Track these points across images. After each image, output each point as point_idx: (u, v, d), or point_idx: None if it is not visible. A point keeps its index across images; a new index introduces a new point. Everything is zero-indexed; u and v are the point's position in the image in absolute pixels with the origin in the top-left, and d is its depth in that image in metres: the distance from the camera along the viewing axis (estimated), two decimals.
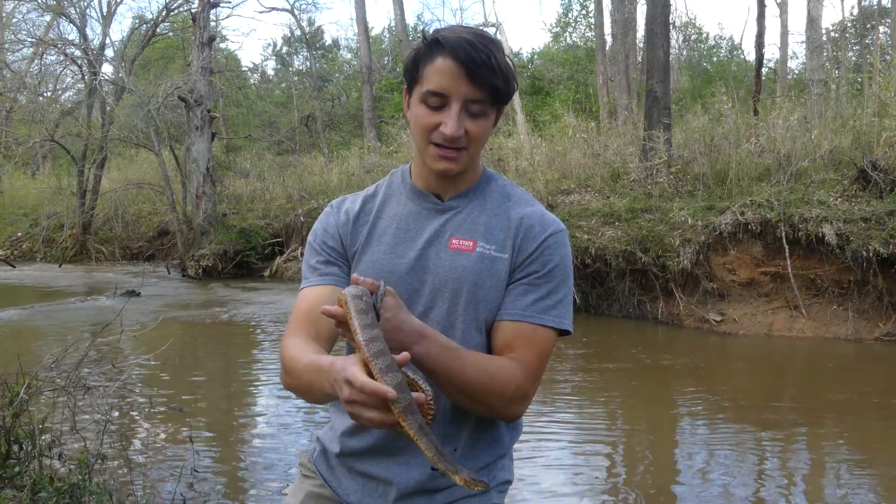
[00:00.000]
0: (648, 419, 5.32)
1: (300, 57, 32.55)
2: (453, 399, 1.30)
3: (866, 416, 5.27)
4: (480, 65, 1.24)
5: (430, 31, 1.32)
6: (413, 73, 1.31)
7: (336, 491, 1.44)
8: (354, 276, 1.17)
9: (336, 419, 1.46)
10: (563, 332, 1.37)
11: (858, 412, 5.34)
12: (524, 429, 1.51)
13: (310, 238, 1.45)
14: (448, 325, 1.33)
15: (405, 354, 1.08)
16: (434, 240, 1.37)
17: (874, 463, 4.30)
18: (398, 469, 1.36)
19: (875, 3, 23.19)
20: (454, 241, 1.36)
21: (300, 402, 5.49)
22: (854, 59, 22.67)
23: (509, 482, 1.47)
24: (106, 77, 18.04)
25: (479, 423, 1.39)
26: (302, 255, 10.86)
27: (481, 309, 1.34)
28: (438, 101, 1.27)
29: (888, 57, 12.69)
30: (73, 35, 19.17)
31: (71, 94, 22.66)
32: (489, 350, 1.37)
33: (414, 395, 1.08)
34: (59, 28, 19.73)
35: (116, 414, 4.53)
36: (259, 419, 5.30)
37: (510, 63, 1.29)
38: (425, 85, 1.28)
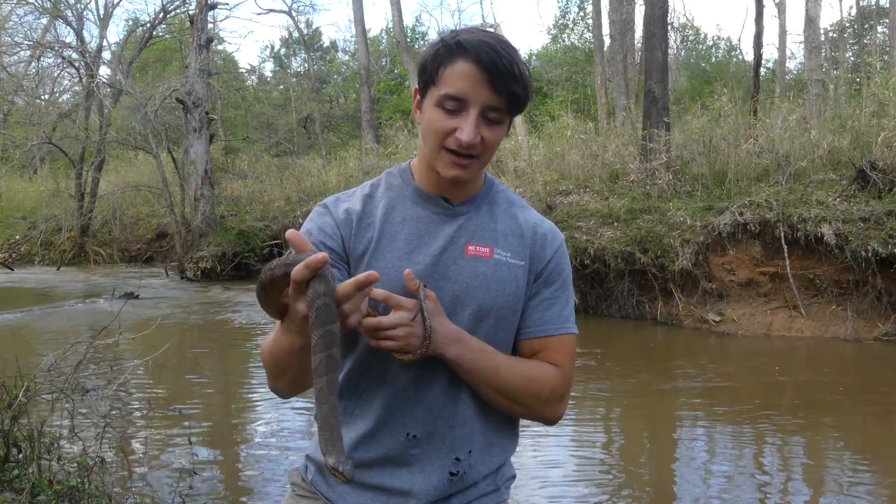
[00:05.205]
0: (647, 419, 5.32)
1: (298, 59, 32.63)
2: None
3: (865, 416, 5.27)
4: (503, 71, 1.20)
5: (448, 33, 1.26)
6: (430, 74, 1.25)
7: None
8: (374, 291, 1.18)
9: None
10: None
11: (857, 412, 5.34)
12: (523, 427, 1.52)
13: None
14: (470, 333, 1.32)
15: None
16: (449, 246, 1.34)
17: (873, 463, 4.30)
18: (414, 478, 1.32)
19: (873, 3, 23.27)
20: (471, 248, 1.34)
21: (299, 404, 5.48)
22: (852, 59, 22.70)
23: (514, 477, 1.48)
24: (103, 79, 18.02)
25: (492, 426, 1.38)
26: None
27: (502, 315, 1.34)
28: (455, 106, 1.22)
29: (886, 57, 12.70)
30: (70, 38, 19.21)
31: (68, 96, 22.67)
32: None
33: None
34: (55, 31, 19.78)
35: (115, 416, 4.52)
36: (258, 420, 5.29)
37: (529, 71, 1.26)
38: (443, 88, 1.23)
